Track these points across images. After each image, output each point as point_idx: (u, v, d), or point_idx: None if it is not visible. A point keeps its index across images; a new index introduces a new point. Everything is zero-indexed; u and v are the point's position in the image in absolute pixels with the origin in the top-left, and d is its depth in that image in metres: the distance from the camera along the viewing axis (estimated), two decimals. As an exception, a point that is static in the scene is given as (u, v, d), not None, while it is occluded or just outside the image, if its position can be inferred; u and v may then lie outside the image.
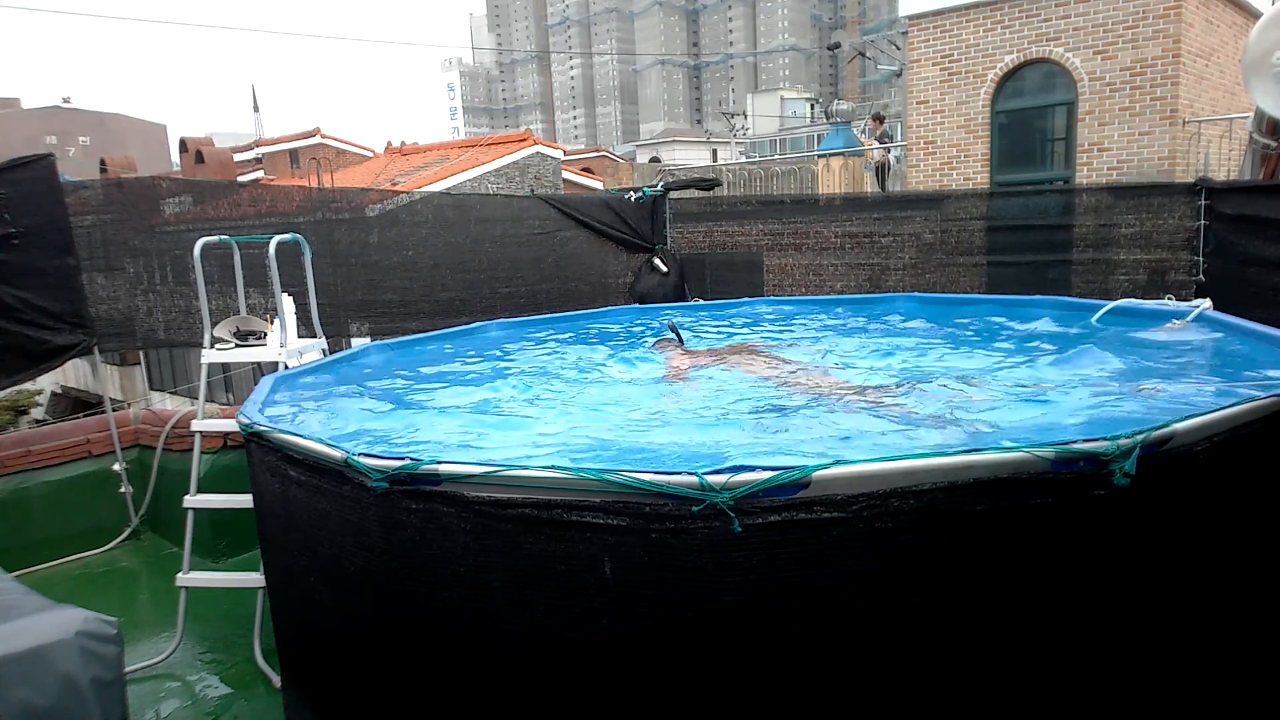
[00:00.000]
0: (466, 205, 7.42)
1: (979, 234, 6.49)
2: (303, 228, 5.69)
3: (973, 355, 4.12)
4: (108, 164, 17.43)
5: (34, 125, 37.38)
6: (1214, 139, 11.09)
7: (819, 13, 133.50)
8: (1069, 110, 11.73)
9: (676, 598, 1.88)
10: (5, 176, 4.84)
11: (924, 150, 12.94)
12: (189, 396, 11.97)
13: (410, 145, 20.87)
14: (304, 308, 4.38)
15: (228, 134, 50.31)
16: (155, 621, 4.19)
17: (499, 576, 2.05)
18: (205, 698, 3.55)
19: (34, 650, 1.97)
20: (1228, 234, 5.51)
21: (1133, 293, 5.66)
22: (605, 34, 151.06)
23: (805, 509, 1.81)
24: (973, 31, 12.24)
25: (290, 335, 4.09)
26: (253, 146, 25.72)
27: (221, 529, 4.76)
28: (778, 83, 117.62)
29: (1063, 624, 1.95)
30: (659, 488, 1.83)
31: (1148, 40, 10.96)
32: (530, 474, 1.97)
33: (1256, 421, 2.07)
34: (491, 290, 6.86)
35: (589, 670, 2.02)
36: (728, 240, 7.74)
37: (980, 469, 1.82)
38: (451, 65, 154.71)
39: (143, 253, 5.50)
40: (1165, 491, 1.95)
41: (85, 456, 5.26)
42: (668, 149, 55.19)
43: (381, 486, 2.13)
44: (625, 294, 7.67)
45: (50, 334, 5.04)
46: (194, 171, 19.61)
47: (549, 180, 17.72)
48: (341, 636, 2.56)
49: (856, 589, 1.85)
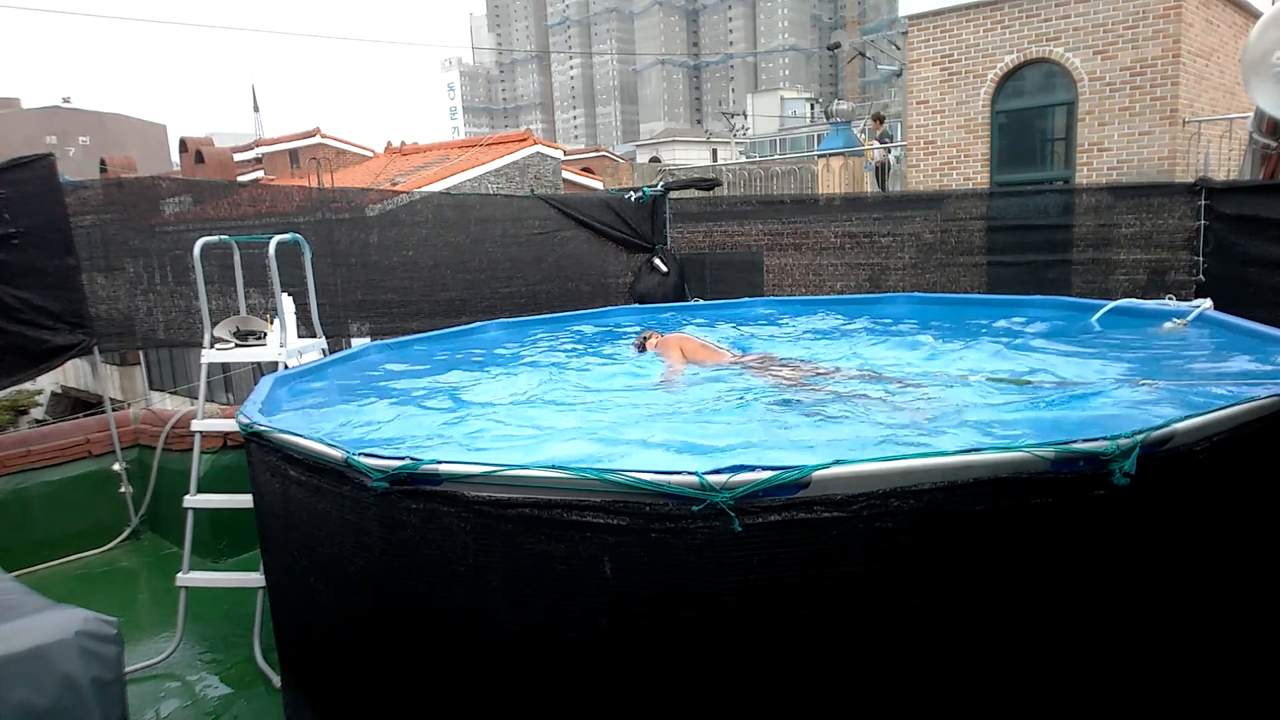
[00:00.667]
0: (466, 205, 7.41)
1: (979, 234, 6.49)
2: (303, 228, 5.69)
3: (972, 355, 4.12)
4: (108, 164, 17.43)
5: (34, 125, 37.38)
6: (1214, 139, 11.09)
7: (819, 13, 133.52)
8: (1069, 110, 11.73)
9: (676, 598, 1.88)
10: (5, 176, 4.84)
11: (924, 150, 12.94)
12: (189, 396, 11.97)
13: (410, 145, 20.87)
14: (304, 308, 4.38)
15: (228, 134, 50.32)
16: (155, 621, 4.19)
17: (499, 576, 2.05)
18: (205, 698, 3.55)
19: (34, 650, 1.97)
20: (1228, 234, 5.51)
21: (1133, 293, 5.66)
22: (605, 34, 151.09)
23: (805, 509, 1.81)
24: (973, 31, 12.24)
25: (290, 335, 4.09)
26: (253, 146, 25.71)
27: (221, 529, 4.76)
28: (778, 83, 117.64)
29: (1063, 624, 1.95)
30: (659, 487, 1.83)
31: (1148, 40, 10.96)
32: (530, 474, 1.97)
33: (1256, 421, 2.07)
34: (491, 290, 6.86)
35: (589, 670, 2.02)
36: (728, 240, 7.74)
37: (980, 469, 1.82)
38: (451, 65, 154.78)
39: (143, 253, 5.50)
40: (1165, 491, 1.96)
41: (85, 456, 5.26)
42: (668, 149, 55.20)
43: (381, 486, 2.13)
44: (625, 294, 7.67)
45: (50, 334, 5.03)
46: (194, 171, 19.61)
47: (549, 180, 17.72)
48: (341, 636, 2.56)
49: (856, 589, 1.85)
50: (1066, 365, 3.59)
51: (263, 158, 24.49)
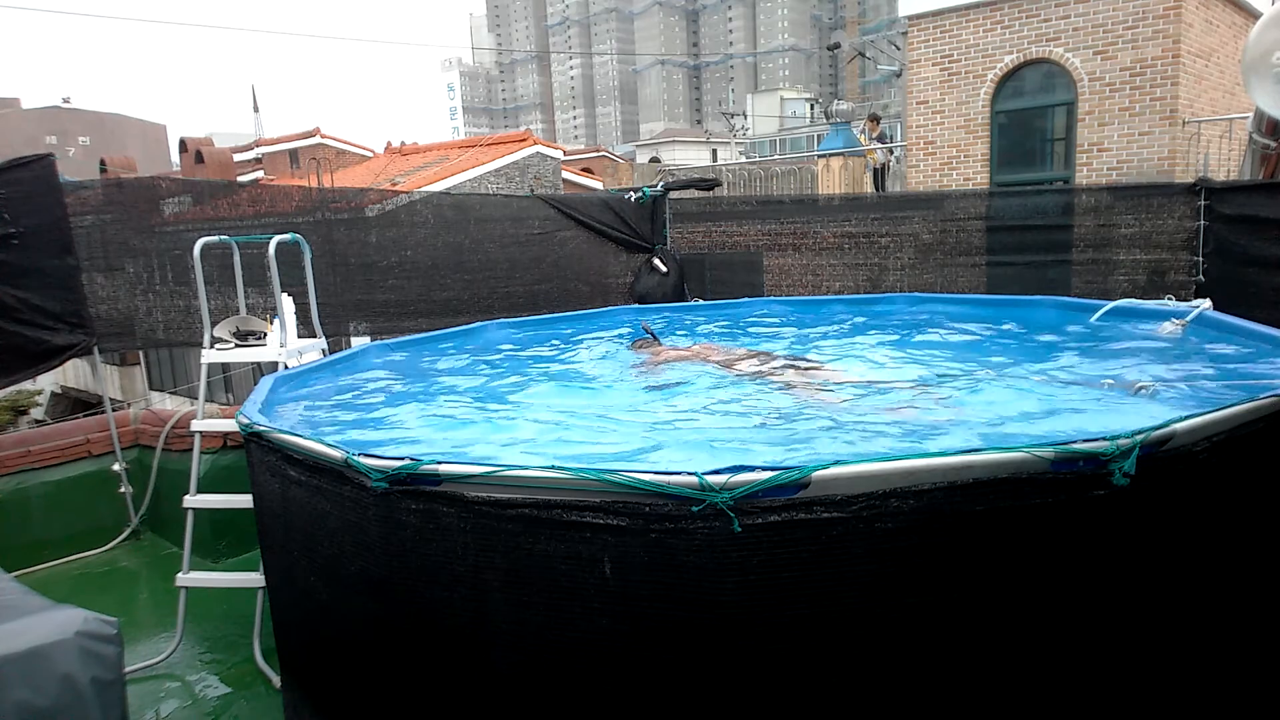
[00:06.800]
0: (466, 205, 7.41)
1: (978, 234, 6.48)
2: (302, 228, 5.69)
3: (973, 356, 4.12)
4: (108, 164, 17.43)
5: (34, 125, 37.32)
6: (1214, 139, 11.09)
7: (819, 13, 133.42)
8: (1069, 110, 11.73)
9: (676, 598, 1.88)
10: (5, 176, 4.83)
11: (924, 150, 12.95)
12: (189, 396, 11.97)
13: (410, 145, 20.86)
14: (304, 308, 4.38)
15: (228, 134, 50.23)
16: (155, 621, 4.19)
17: (499, 577, 2.05)
18: (205, 698, 3.55)
19: (34, 650, 1.97)
20: (1227, 234, 5.51)
21: (1133, 293, 5.66)
22: (605, 34, 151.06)
23: (805, 509, 1.81)
24: (973, 32, 12.24)
25: (290, 335, 4.09)
26: (253, 146, 25.69)
27: (221, 529, 4.76)
28: (778, 83, 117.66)
29: (1063, 624, 1.95)
30: (659, 488, 1.83)
31: (1147, 40, 10.96)
32: (530, 474, 1.97)
33: (1256, 421, 2.07)
34: (491, 290, 6.86)
35: (589, 670, 2.02)
36: (727, 240, 7.74)
37: (980, 469, 1.82)
38: (451, 65, 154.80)
39: (142, 253, 5.50)
40: (1165, 492, 1.96)
41: (85, 456, 5.26)
42: (668, 149, 55.21)
43: (381, 486, 2.13)
44: (625, 294, 7.67)
45: (50, 334, 5.03)
46: (194, 171, 19.59)
47: (549, 180, 17.71)
48: (341, 636, 2.56)
49: (856, 589, 1.85)
50: (1067, 365, 3.59)
51: (262, 158, 24.48)
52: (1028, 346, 4.14)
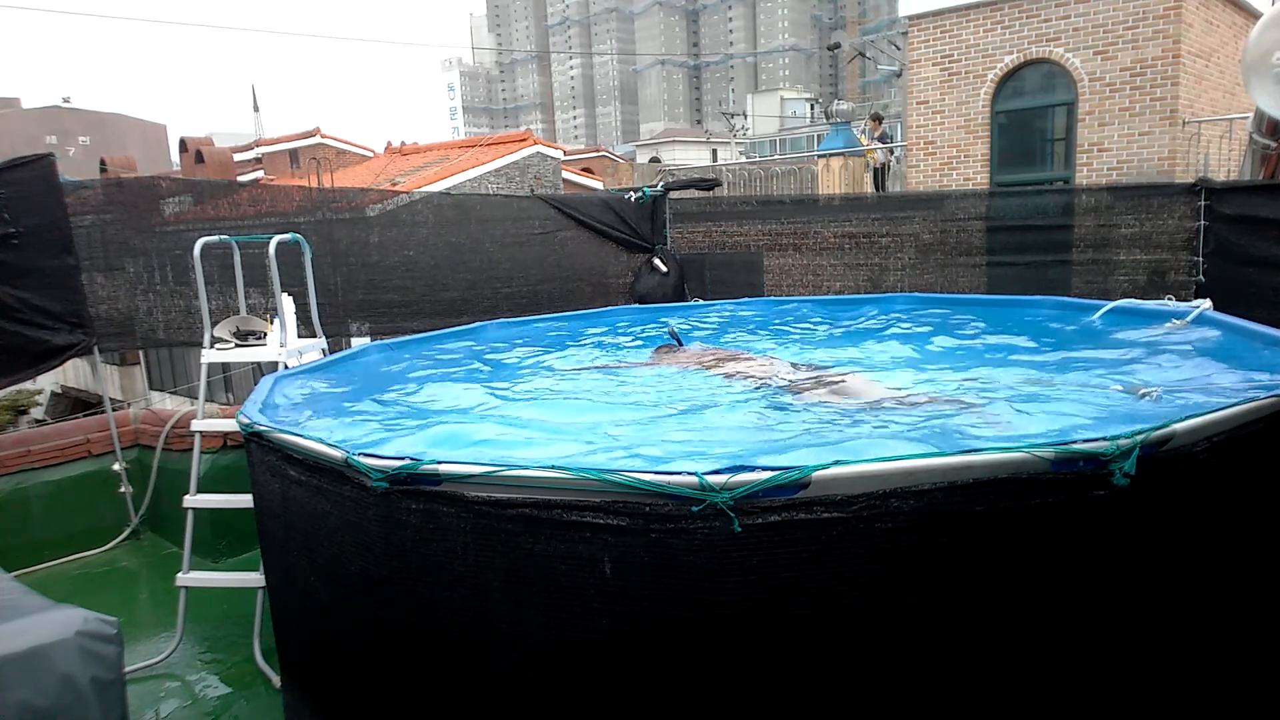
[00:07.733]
0: (467, 205, 7.41)
1: (979, 234, 6.49)
2: (303, 228, 5.68)
3: (972, 356, 4.12)
4: (108, 164, 17.42)
5: (34, 125, 37.30)
6: (1214, 139, 11.09)
7: (819, 13, 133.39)
8: (1069, 110, 11.72)
9: (676, 598, 1.88)
10: (5, 176, 4.84)
11: (924, 150, 12.94)
12: (189, 396, 11.97)
13: (410, 145, 20.86)
14: (304, 307, 4.38)
15: (228, 134, 50.20)
16: (155, 621, 4.19)
17: (499, 576, 2.05)
18: (205, 698, 3.55)
19: (34, 650, 1.97)
20: (1228, 234, 5.51)
21: (1133, 293, 5.66)
22: (605, 34, 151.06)
23: (805, 509, 1.81)
24: (973, 32, 12.24)
25: (290, 335, 4.09)
26: (253, 146, 25.68)
27: (221, 529, 4.76)
28: (778, 83, 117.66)
29: (1063, 624, 1.95)
30: (659, 488, 1.83)
31: (1147, 41, 10.95)
32: (530, 474, 1.97)
33: (1256, 421, 2.07)
34: (492, 290, 6.86)
35: (589, 670, 2.02)
36: (727, 240, 7.74)
37: (980, 469, 1.82)
38: (451, 65, 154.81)
39: (143, 252, 5.50)
40: (1165, 492, 1.96)
41: (85, 456, 5.26)
42: (668, 149, 55.19)
43: (382, 486, 2.13)
44: (625, 294, 7.67)
45: (50, 334, 5.03)
46: (194, 171, 19.58)
47: (549, 180, 17.71)
48: (341, 636, 2.56)
49: (856, 589, 1.85)
50: (1066, 366, 3.58)
51: (263, 158, 24.47)
52: (1027, 347, 4.14)
